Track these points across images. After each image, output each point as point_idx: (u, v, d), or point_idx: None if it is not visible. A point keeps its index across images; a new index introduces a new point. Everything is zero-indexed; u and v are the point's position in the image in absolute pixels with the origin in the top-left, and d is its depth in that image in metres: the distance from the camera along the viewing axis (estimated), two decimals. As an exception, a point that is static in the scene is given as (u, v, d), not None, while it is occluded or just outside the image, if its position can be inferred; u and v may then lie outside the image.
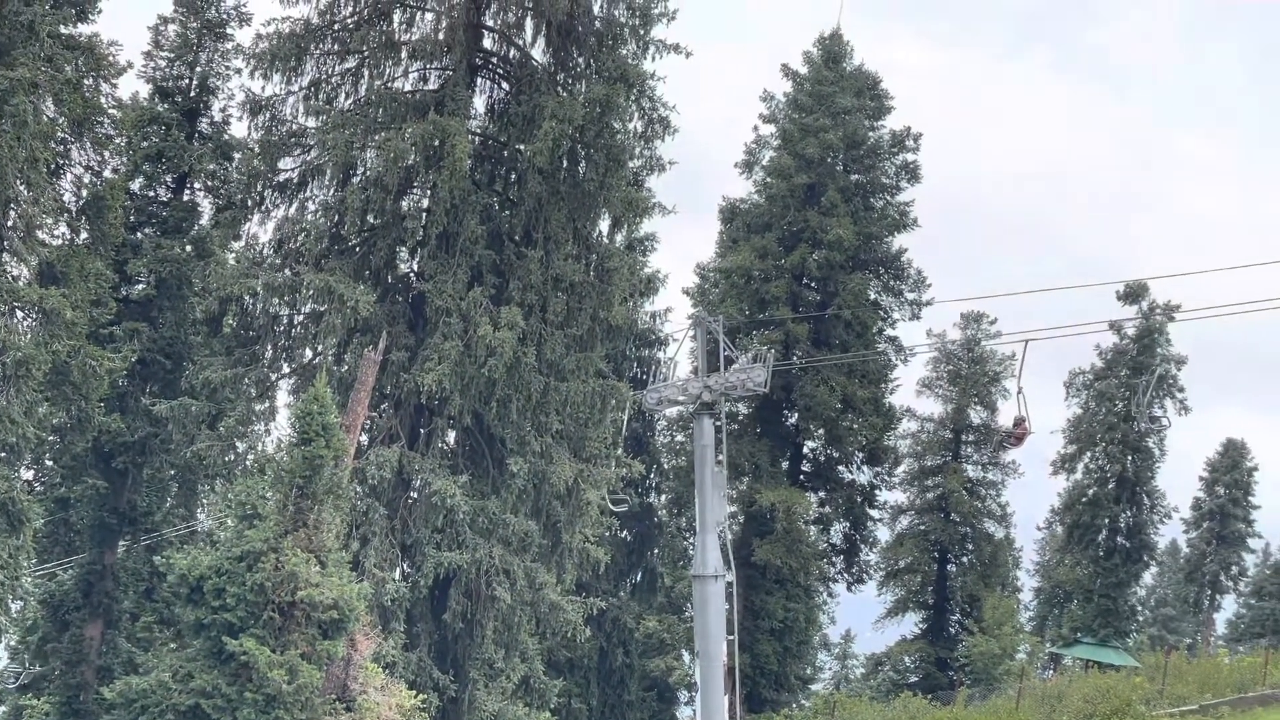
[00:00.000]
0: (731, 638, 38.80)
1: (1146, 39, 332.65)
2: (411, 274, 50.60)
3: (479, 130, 51.72)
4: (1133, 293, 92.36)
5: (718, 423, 39.63)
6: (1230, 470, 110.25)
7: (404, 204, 49.68)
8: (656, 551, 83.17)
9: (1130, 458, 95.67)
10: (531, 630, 52.42)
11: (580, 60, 50.58)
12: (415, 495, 48.51)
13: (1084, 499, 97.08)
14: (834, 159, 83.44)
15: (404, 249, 50.69)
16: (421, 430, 49.36)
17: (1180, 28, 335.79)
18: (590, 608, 55.12)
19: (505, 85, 51.81)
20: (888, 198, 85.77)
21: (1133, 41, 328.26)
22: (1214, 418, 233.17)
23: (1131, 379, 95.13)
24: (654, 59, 50.15)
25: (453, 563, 46.71)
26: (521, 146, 49.55)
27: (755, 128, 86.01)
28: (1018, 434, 45.87)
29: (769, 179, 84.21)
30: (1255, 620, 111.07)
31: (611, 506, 50.82)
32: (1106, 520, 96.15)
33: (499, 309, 47.07)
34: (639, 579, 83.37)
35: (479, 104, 51.90)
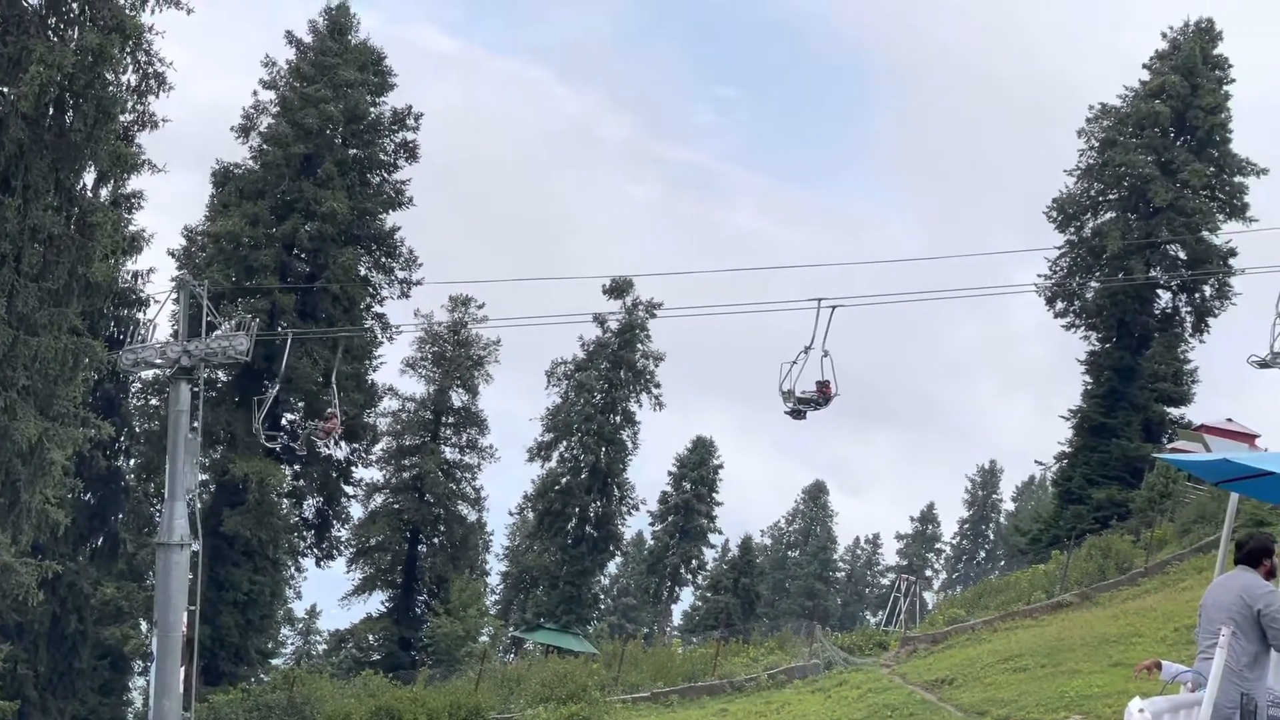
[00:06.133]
0: (193, 608, 38.20)
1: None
2: (-126, 211, 47.76)
3: (-40, 68, 49.29)
4: (618, 287, 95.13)
5: (195, 389, 38.98)
6: (698, 467, 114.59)
7: None
8: (121, 517, 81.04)
9: (604, 449, 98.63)
10: (-20, 592, 50.36)
11: (75, 6, 48.85)
12: None
13: (557, 487, 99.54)
14: (333, 131, 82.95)
15: None
16: (-126, 377, 46.74)
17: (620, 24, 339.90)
18: (45, 571, 53.37)
19: (-8, 24, 49.51)
20: (385, 174, 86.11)
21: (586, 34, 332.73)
22: (690, 414, 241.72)
23: (611, 371, 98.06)
24: (154, 12, 49.26)
25: (-101, 518, 44.47)
26: (5, 90, 47.54)
27: (255, 93, 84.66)
28: (326, 428, 47.42)
29: (266, 146, 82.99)
30: (710, 613, 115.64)
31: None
32: (577, 509, 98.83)
33: (-31, 256, 45.01)
34: (100, 544, 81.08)
35: (-37, 40, 49.45)
